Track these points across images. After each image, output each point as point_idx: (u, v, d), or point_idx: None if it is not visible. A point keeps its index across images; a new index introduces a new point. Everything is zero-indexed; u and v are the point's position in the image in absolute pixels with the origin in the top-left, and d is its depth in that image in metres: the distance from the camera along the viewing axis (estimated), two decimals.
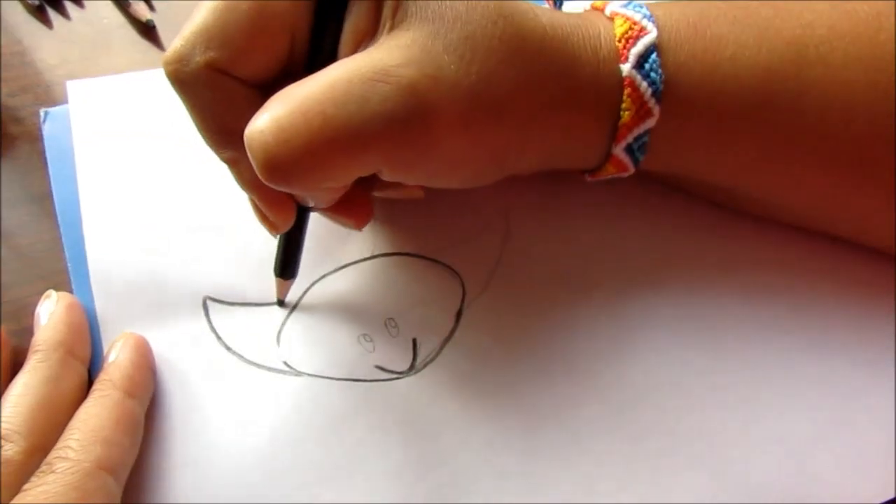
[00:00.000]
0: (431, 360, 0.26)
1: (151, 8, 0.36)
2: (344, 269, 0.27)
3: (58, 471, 0.20)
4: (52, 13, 0.36)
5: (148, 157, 0.29)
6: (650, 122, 0.23)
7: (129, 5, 0.35)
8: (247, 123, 0.20)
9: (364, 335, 0.26)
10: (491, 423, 0.25)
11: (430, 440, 0.25)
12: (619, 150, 0.23)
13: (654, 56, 0.22)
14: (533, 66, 0.21)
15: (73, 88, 0.30)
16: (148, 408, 0.24)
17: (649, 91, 0.22)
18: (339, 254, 0.28)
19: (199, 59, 0.20)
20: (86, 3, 0.36)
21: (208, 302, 0.26)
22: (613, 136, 0.23)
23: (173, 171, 0.29)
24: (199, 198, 0.28)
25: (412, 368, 0.26)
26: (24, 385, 0.23)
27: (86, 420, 0.22)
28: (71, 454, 0.21)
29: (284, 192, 0.22)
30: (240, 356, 0.26)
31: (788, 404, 0.26)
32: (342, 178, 0.21)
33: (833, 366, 0.26)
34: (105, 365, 0.24)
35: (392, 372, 0.26)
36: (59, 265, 0.27)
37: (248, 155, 0.20)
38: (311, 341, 0.26)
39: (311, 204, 0.24)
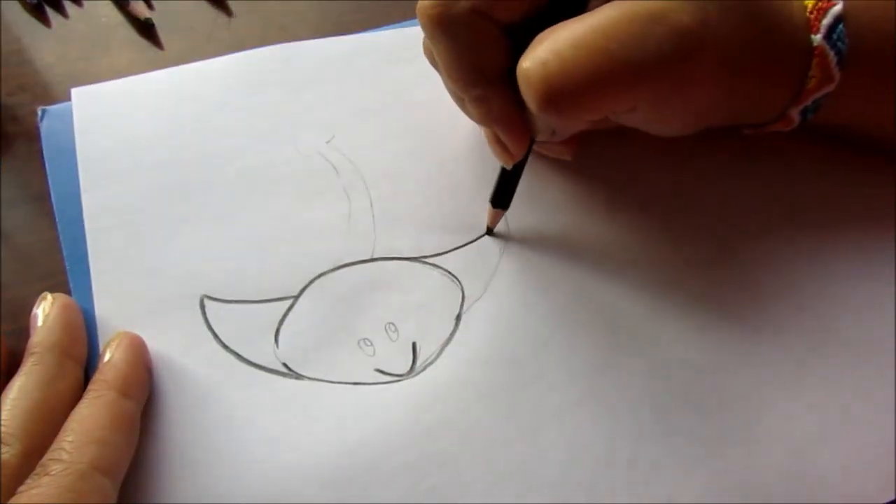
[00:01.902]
0: (431, 364, 0.26)
1: (150, 6, 0.36)
2: (343, 271, 0.27)
3: (52, 473, 0.20)
4: (50, 12, 0.35)
5: (148, 159, 0.29)
6: (830, 87, 0.24)
7: (127, 4, 0.35)
8: (496, 64, 0.23)
9: (364, 339, 0.26)
10: (490, 426, 0.25)
11: (429, 443, 0.25)
12: (794, 111, 0.25)
13: (840, 26, 0.23)
14: (762, 18, 0.23)
15: (78, 94, 0.30)
16: (145, 407, 0.24)
17: (835, 60, 0.23)
18: (339, 254, 0.28)
19: (466, 2, 0.22)
20: (84, 1, 0.36)
21: (205, 300, 0.26)
22: (794, 98, 0.24)
23: (173, 173, 0.28)
24: (197, 197, 0.28)
25: (412, 372, 0.26)
26: (20, 388, 0.23)
27: (80, 421, 0.22)
28: (65, 456, 0.21)
29: (524, 125, 0.24)
30: (237, 355, 0.26)
31: (790, 404, 0.26)
32: (605, 111, 0.22)
33: (835, 366, 0.26)
34: (100, 365, 0.24)
35: (392, 375, 0.26)
36: (57, 265, 0.27)
37: (522, 85, 0.21)
38: (312, 345, 0.26)
39: (543, 137, 0.25)
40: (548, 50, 0.21)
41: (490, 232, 0.28)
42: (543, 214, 0.29)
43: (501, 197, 0.27)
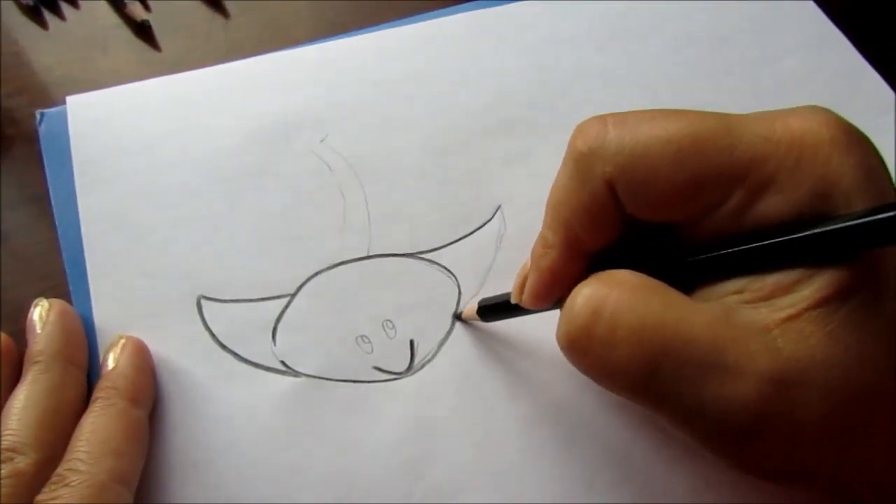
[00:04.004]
0: (429, 361, 0.26)
1: (147, 8, 0.36)
2: (339, 269, 0.27)
3: (72, 484, 0.20)
4: (48, 14, 0.36)
5: (143, 163, 0.29)
6: None
7: (124, 6, 0.35)
8: (590, 233, 0.20)
9: (362, 337, 0.26)
10: (488, 422, 0.25)
11: (428, 440, 0.25)
12: None
13: None
14: None
15: (73, 102, 0.30)
16: None
17: None
18: (335, 252, 0.28)
19: (608, 168, 0.19)
20: (81, 3, 0.36)
21: (202, 301, 0.26)
22: None
23: (167, 176, 0.29)
24: (192, 199, 0.28)
25: (409, 369, 0.26)
26: (28, 397, 0.23)
27: (94, 431, 0.22)
28: (82, 466, 0.21)
29: (549, 295, 0.21)
30: (235, 354, 0.26)
31: None
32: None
33: None
34: (106, 371, 0.24)
35: (390, 373, 0.26)
36: (56, 266, 0.27)
37: (566, 308, 0.19)
38: (309, 343, 0.26)
39: None
40: (617, 300, 0.18)
41: (458, 317, 0.27)
42: (540, 208, 0.29)
43: (494, 315, 0.25)
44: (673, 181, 0.18)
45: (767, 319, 0.17)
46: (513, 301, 0.23)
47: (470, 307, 0.26)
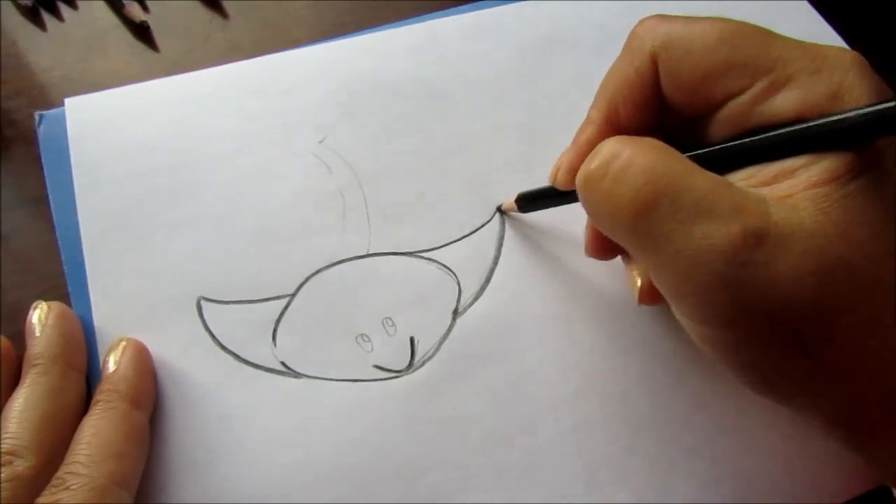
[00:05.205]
0: (429, 359, 0.26)
1: (146, 9, 0.36)
2: (339, 267, 0.27)
3: (72, 487, 0.20)
4: (46, 15, 0.35)
5: (142, 163, 0.29)
6: None
7: (123, 7, 0.35)
8: (630, 109, 0.22)
9: (362, 335, 0.26)
10: (489, 420, 0.25)
11: (429, 438, 0.25)
12: None
13: None
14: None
15: (71, 103, 0.30)
16: None
17: None
18: (334, 252, 0.28)
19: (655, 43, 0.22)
20: (80, 4, 0.36)
21: (202, 302, 0.26)
22: None
23: (166, 177, 0.28)
24: (191, 200, 0.28)
25: (410, 367, 0.26)
26: (27, 400, 0.22)
27: (95, 434, 0.22)
28: (82, 469, 0.21)
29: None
30: (235, 355, 0.26)
31: None
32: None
33: None
34: (107, 374, 0.24)
35: (390, 371, 0.26)
36: (56, 267, 0.27)
37: (602, 147, 0.21)
38: (309, 343, 0.26)
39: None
40: (641, 163, 0.19)
41: (499, 209, 0.29)
42: (538, 211, 0.29)
43: (529, 202, 0.27)
44: (706, 61, 0.21)
45: (765, 196, 0.18)
46: (549, 181, 0.25)
47: (509, 200, 0.28)
